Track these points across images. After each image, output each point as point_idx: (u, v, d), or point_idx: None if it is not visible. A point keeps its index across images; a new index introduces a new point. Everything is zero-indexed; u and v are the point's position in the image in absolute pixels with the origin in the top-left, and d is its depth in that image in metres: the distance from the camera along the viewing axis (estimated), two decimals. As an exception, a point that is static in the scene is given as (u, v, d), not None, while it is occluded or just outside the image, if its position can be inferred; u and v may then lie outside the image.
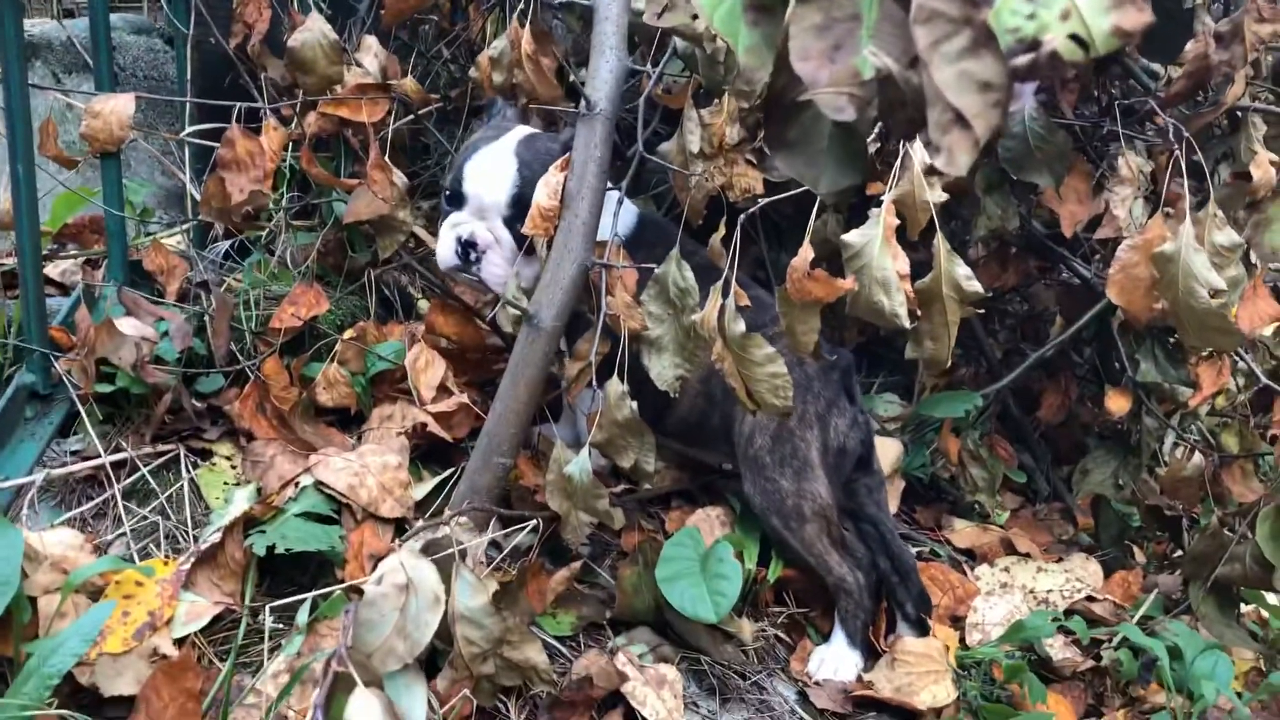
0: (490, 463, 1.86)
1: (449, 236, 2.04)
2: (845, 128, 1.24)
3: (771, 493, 2.05)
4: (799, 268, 1.63)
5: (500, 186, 2.01)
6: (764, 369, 1.64)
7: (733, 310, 1.62)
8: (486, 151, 2.04)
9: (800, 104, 1.26)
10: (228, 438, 2.07)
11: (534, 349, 1.85)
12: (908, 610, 2.13)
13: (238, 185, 1.97)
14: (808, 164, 1.29)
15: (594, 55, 1.92)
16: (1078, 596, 2.38)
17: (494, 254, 2.02)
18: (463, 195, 2.04)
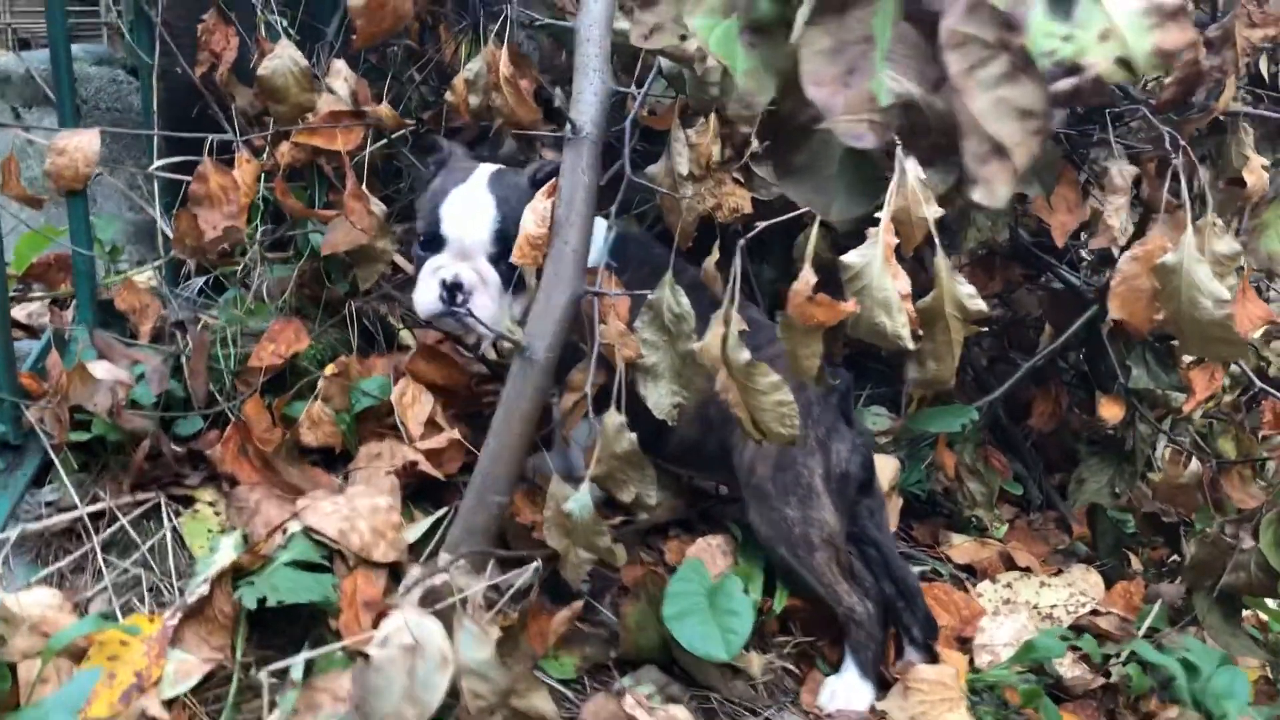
0: (485, 501, 1.79)
1: (431, 282, 1.98)
2: (858, 153, 1.19)
3: (778, 522, 2.00)
4: (801, 292, 1.58)
5: (480, 225, 1.96)
6: (770, 398, 1.59)
7: (736, 338, 1.57)
8: (459, 192, 1.99)
9: (808, 129, 1.22)
10: (210, 483, 2.00)
11: (527, 382, 1.79)
12: (914, 635, 2.09)
13: (211, 221, 1.90)
14: (816, 190, 1.24)
15: (577, 77, 1.87)
16: (1083, 611, 2.35)
17: (481, 294, 1.96)
18: (441, 238, 1.98)
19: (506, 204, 1.96)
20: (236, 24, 2.24)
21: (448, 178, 2.04)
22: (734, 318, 1.58)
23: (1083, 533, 2.90)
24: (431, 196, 2.02)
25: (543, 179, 1.98)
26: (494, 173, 2.03)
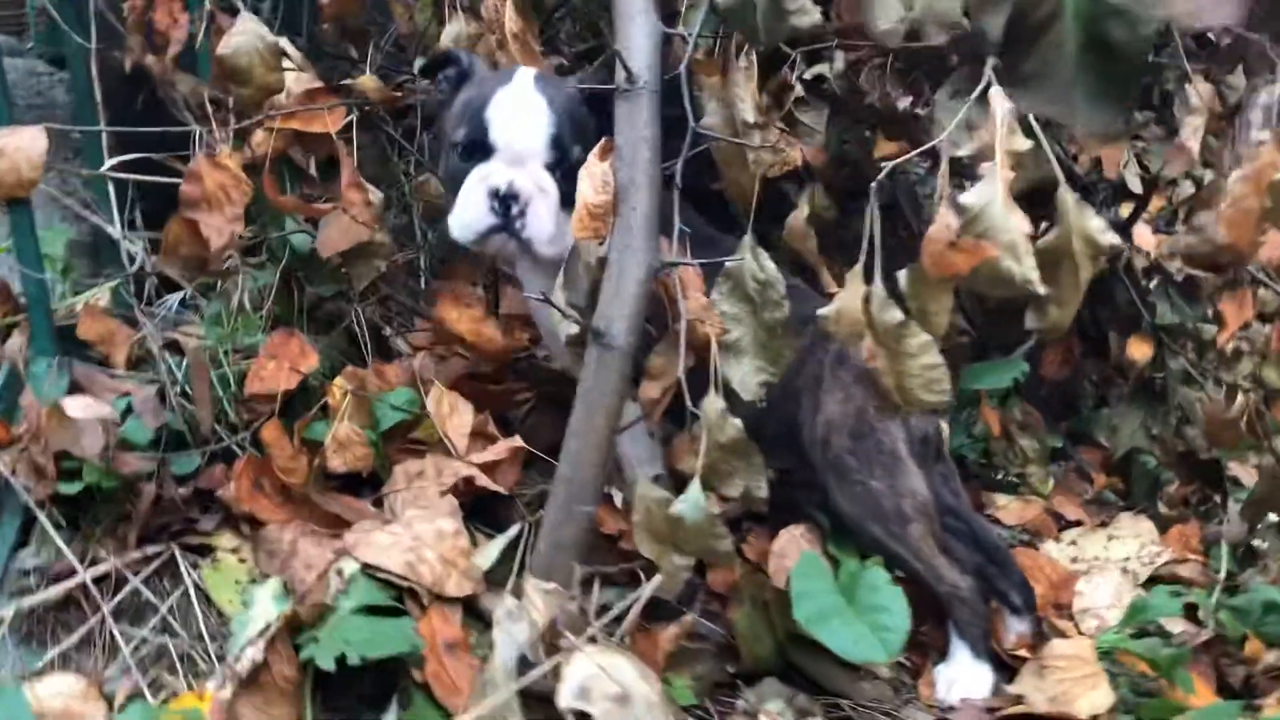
0: (572, 513, 1.56)
1: (478, 191, 1.70)
2: (1100, 54, 1.00)
3: (864, 496, 1.81)
4: (940, 238, 1.39)
5: (535, 128, 1.71)
6: (919, 361, 1.40)
7: (882, 297, 1.37)
8: (506, 93, 1.73)
9: (1041, 31, 1.02)
10: (226, 526, 1.71)
11: (608, 372, 1.56)
12: (1013, 601, 1.92)
13: (214, 226, 1.61)
14: (1053, 99, 1.05)
15: (622, 21, 1.64)
16: (1159, 562, 2.23)
17: (540, 204, 1.70)
18: (487, 145, 1.71)
19: (559, 107, 1.72)
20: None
21: (485, 83, 1.78)
22: (876, 273, 1.38)
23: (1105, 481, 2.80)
24: (469, 102, 1.76)
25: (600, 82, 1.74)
26: (538, 74, 1.78)
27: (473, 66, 1.84)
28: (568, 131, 1.69)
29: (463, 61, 1.85)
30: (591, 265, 1.64)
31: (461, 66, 1.85)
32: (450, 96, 1.84)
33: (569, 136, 1.69)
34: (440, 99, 1.87)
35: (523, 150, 1.70)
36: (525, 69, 1.78)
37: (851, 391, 1.83)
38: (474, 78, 1.82)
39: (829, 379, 1.84)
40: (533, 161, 1.70)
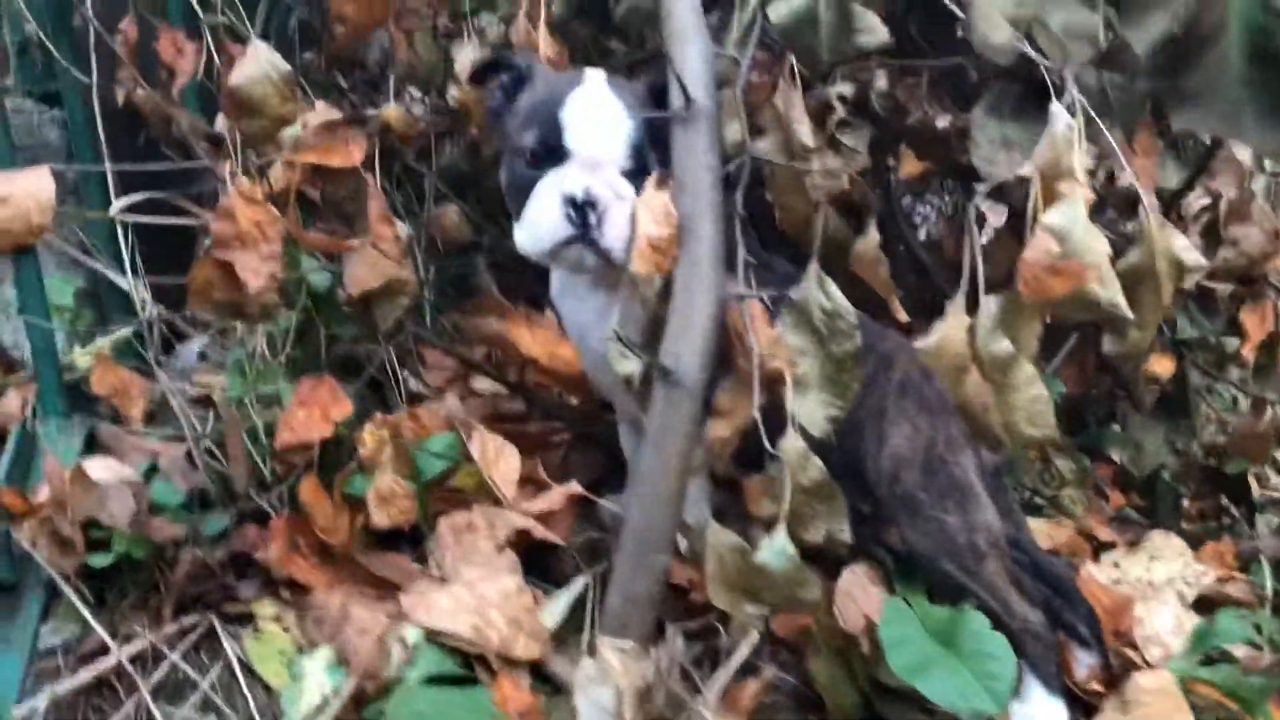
0: (645, 563, 1.47)
1: (552, 198, 1.59)
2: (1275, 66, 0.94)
3: (937, 533, 1.73)
4: (1039, 262, 1.33)
5: (613, 132, 1.60)
6: (1024, 394, 1.33)
7: (989, 328, 1.30)
8: (581, 95, 1.61)
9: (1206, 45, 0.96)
10: (266, 592, 1.59)
11: (678, 412, 1.48)
12: (1080, 632, 1.85)
13: (250, 267, 1.50)
14: (1219, 116, 0.98)
15: (675, 43, 1.56)
16: (1205, 582, 2.18)
17: (619, 211, 1.58)
18: (563, 149, 1.59)
19: (635, 111, 1.62)
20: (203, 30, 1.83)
21: (552, 84, 1.67)
22: (987, 303, 1.31)
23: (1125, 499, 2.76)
24: (536, 105, 1.65)
25: (662, 90, 1.65)
26: (609, 76, 1.67)
27: (531, 70, 1.73)
28: (645, 136, 1.60)
29: (519, 65, 1.74)
30: (651, 299, 1.56)
31: (519, 70, 1.73)
32: (505, 104, 1.73)
33: (645, 142, 1.60)
34: (494, 106, 1.77)
35: (600, 155, 1.59)
36: (594, 71, 1.68)
37: (918, 424, 1.76)
38: (535, 80, 1.71)
39: (893, 411, 1.77)
40: (609, 167, 1.59)
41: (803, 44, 1.56)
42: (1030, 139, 1.86)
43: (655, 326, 1.54)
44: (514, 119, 1.68)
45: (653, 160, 1.60)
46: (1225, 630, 1.85)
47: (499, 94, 1.73)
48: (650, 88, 1.66)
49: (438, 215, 2.18)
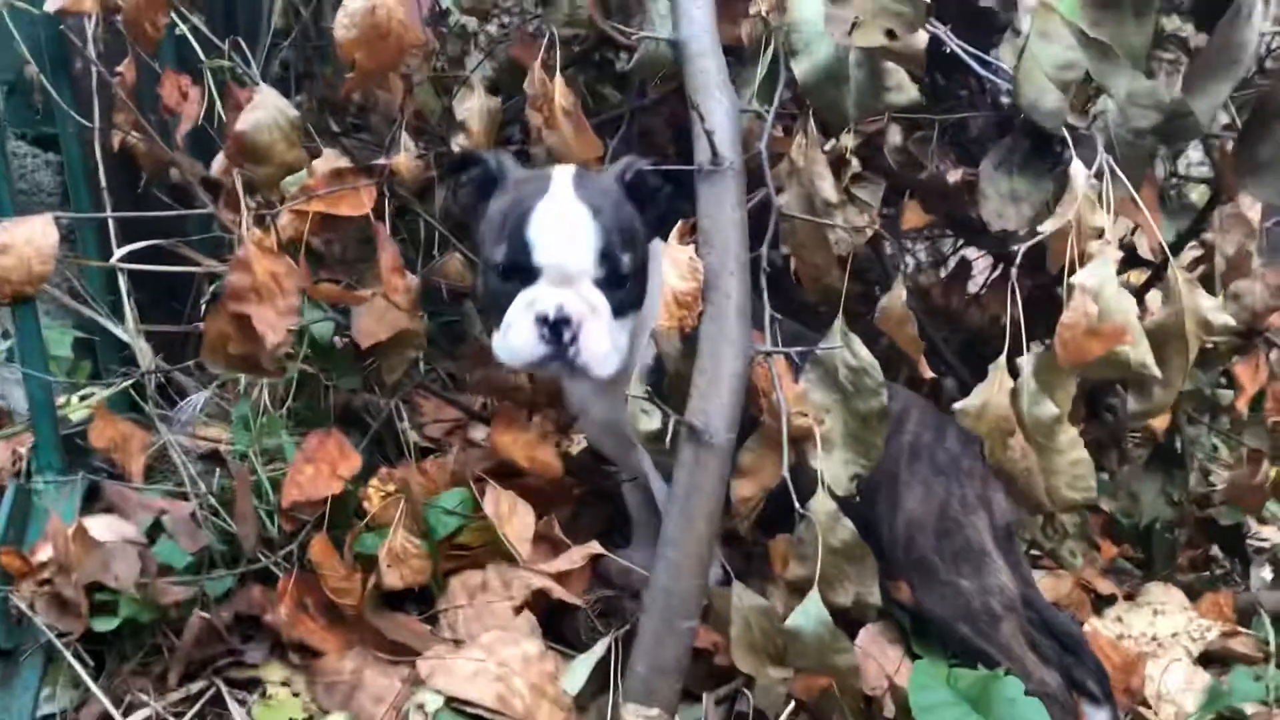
0: (674, 629, 1.43)
1: (525, 317, 1.57)
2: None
3: (952, 597, 1.71)
4: (1078, 324, 1.32)
5: (582, 244, 1.57)
6: (1066, 458, 1.32)
7: (1033, 390, 1.29)
8: (545, 208, 1.58)
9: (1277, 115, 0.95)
10: (274, 656, 1.53)
11: (706, 472, 1.45)
12: (1091, 690, 1.83)
13: (267, 320, 1.45)
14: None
15: (701, 98, 1.54)
16: (1210, 637, 2.17)
17: (593, 325, 1.56)
18: (533, 268, 1.57)
19: (605, 214, 1.59)
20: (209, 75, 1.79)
21: (520, 191, 1.63)
22: (1027, 365, 1.30)
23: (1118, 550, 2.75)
24: (505, 215, 1.61)
25: (635, 180, 1.65)
26: (576, 176, 1.64)
27: (502, 169, 1.70)
28: (616, 240, 1.57)
29: (490, 164, 1.71)
30: (674, 356, 1.53)
31: (489, 169, 1.70)
32: (476, 201, 1.70)
33: (618, 245, 1.57)
34: (465, 203, 1.74)
35: (571, 270, 1.56)
36: (562, 170, 1.65)
37: (932, 486, 1.75)
38: (505, 181, 1.68)
39: (906, 474, 1.75)
40: (582, 280, 1.57)
41: (826, 99, 1.55)
42: (1039, 193, 1.87)
43: (680, 384, 1.51)
44: (485, 227, 1.65)
45: (626, 262, 1.58)
46: (1241, 690, 1.84)
47: (471, 190, 1.72)
48: (620, 180, 1.64)
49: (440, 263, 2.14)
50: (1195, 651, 2.14)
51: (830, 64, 1.53)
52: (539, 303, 1.56)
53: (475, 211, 1.72)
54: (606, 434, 1.84)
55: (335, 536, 1.61)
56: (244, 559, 1.59)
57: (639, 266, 1.63)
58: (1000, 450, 1.34)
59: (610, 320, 1.58)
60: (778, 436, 1.46)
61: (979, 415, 1.33)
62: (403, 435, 1.82)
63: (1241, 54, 0.97)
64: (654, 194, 1.67)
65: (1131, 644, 2.16)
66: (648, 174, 1.66)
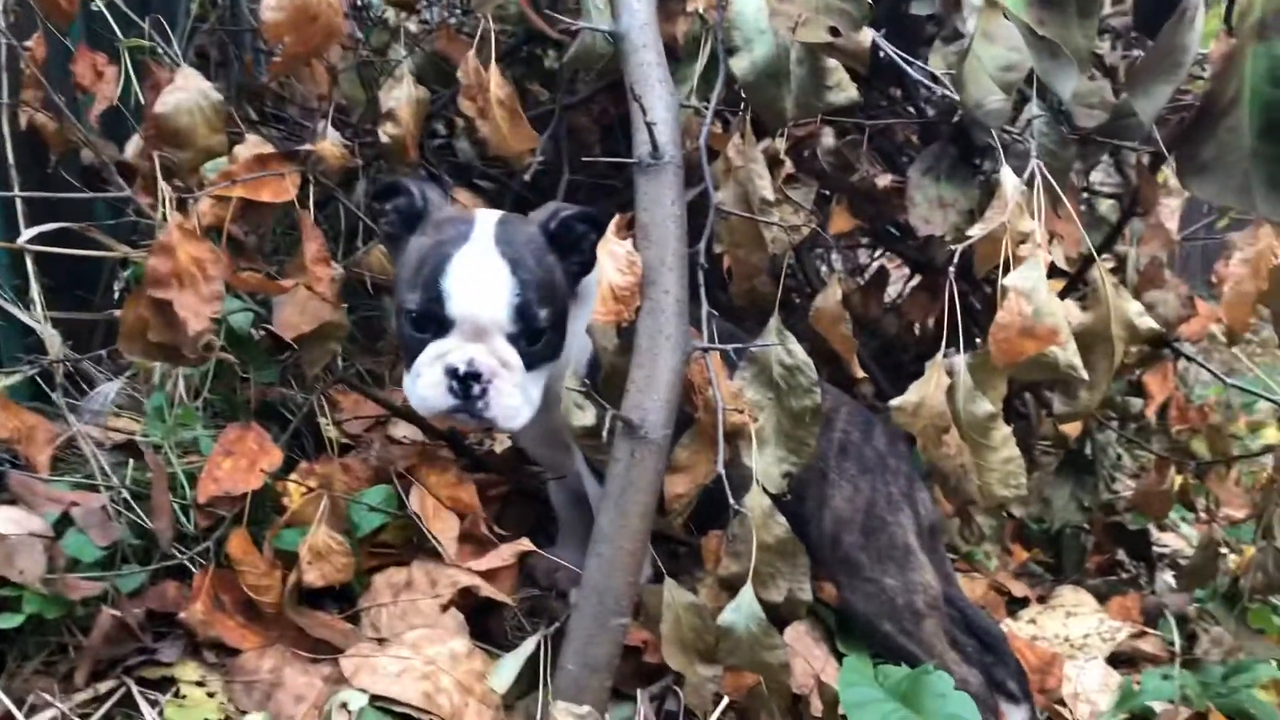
0: (605, 626, 1.41)
1: (435, 370, 1.53)
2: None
3: (876, 595, 1.73)
4: (1012, 325, 1.34)
5: (497, 299, 1.53)
6: (999, 455, 1.33)
7: (969, 388, 1.30)
8: (463, 257, 1.54)
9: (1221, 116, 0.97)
10: (189, 655, 1.47)
11: (642, 468, 1.43)
12: (1009, 688, 1.86)
13: (191, 308, 1.39)
14: (1230, 187, 0.99)
15: (641, 90, 1.53)
16: (1120, 638, 2.23)
17: (503, 382, 1.53)
18: (445, 319, 1.53)
19: (523, 267, 1.55)
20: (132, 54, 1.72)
21: (440, 234, 1.59)
22: (961, 364, 1.31)
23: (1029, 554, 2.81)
24: (422, 262, 1.56)
25: (559, 230, 1.62)
26: (499, 224, 1.60)
27: (427, 203, 1.65)
28: (533, 295, 1.54)
29: (415, 195, 1.66)
30: (611, 351, 1.51)
31: (414, 202, 1.66)
32: (401, 232, 1.66)
33: (536, 301, 1.54)
34: (389, 232, 1.70)
35: (485, 324, 1.53)
36: (484, 217, 1.61)
37: (859, 485, 1.76)
38: (428, 219, 1.64)
39: (834, 472, 1.76)
40: (495, 334, 1.53)
41: (766, 97, 1.55)
42: (965, 199, 1.90)
43: (617, 379, 1.49)
44: (403, 267, 1.62)
45: (544, 317, 1.55)
46: (1152, 690, 1.88)
47: (395, 219, 1.67)
48: (544, 229, 1.62)
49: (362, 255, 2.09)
50: (1106, 652, 2.18)
51: (770, 62, 1.53)
52: (450, 356, 1.53)
53: (396, 243, 1.68)
54: (542, 443, 1.82)
55: (254, 532, 1.55)
56: (158, 554, 1.52)
57: (557, 319, 1.60)
58: (934, 447, 1.35)
59: (522, 374, 1.56)
60: (713, 433, 1.46)
61: (914, 412, 1.34)
62: (323, 430, 1.76)
63: (1184, 56, 0.99)
64: (578, 242, 1.64)
65: (1045, 645, 2.20)
66: (573, 222, 1.63)
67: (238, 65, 2.48)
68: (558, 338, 1.62)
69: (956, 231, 1.86)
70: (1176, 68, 0.99)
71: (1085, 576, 2.74)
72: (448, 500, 1.70)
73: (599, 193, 2.37)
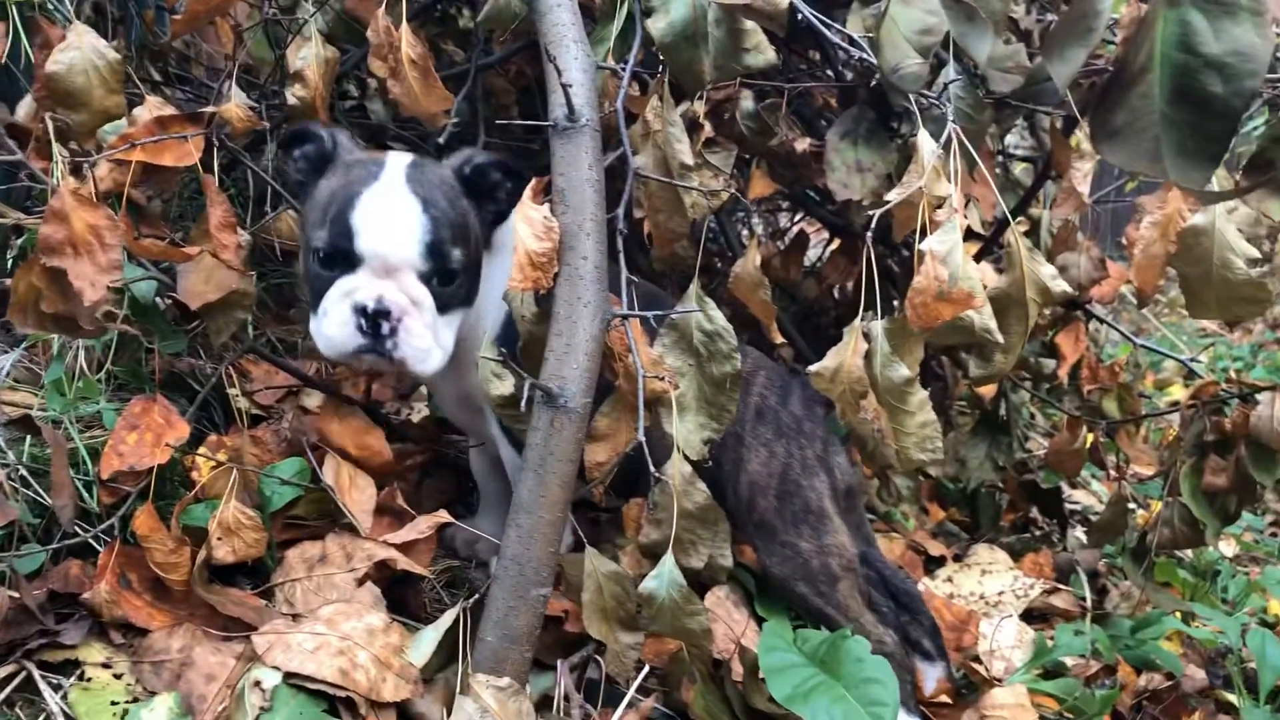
0: (525, 598, 1.40)
1: (342, 309, 1.49)
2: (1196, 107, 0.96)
3: (791, 558, 1.74)
4: (928, 289, 1.34)
5: (407, 235, 1.49)
6: (916, 419, 1.34)
7: (886, 353, 1.30)
8: (373, 194, 1.50)
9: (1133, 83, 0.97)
10: (93, 636, 1.43)
11: (562, 437, 1.41)
12: (925, 647, 1.89)
13: (87, 277, 1.33)
14: (1141, 153, 1.00)
15: (556, 52, 1.49)
16: (1033, 594, 2.27)
17: (412, 321, 1.50)
18: (354, 255, 1.49)
19: (434, 206, 1.52)
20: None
21: (349, 174, 1.54)
22: (878, 329, 1.31)
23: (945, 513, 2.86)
24: (332, 200, 1.52)
25: (473, 175, 1.60)
26: (410, 166, 1.57)
27: (336, 147, 1.61)
28: (446, 234, 1.51)
29: (324, 140, 1.62)
30: (529, 319, 1.49)
31: (323, 146, 1.61)
32: (310, 178, 1.61)
33: (447, 239, 1.51)
34: (299, 179, 1.65)
35: (394, 261, 1.49)
36: (396, 158, 1.58)
37: (774, 449, 1.76)
38: (337, 161, 1.59)
39: (750, 437, 1.76)
40: (405, 272, 1.50)
41: (683, 60, 1.53)
42: (883, 164, 1.91)
43: (535, 347, 1.47)
44: (312, 207, 1.57)
45: (456, 257, 1.52)
46: (1064, 645, 1.93)
47: (304, 165, 1.63)
48: (458, 173, 1.59)
49: (271, 220, 2.03)
50: (1020, 609, 2.23)
51: (687, 23, 1.51)
52: (358, 293, 1.49)
53: (305, 189, 1.63)
54: (460, 408, 1.78)
55: (161, 508, 1.50)
56: (59, 533, 1.47)
57: (471, 263, 1.57)
58: (852, 412, 1.36)
59: (434, 316, 1.52)
60: (633, 400, 1.44)
61: (832, 378, 1.34)
62: (233, 401, 1.71)
63: (1096, 21, 0.99)
64: (493, 190, 1.62)
65: (962, 603, 2.24)
66: (488, 169, 1.60)
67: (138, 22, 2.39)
68: (470, 283, 1.59)
69: (874, 196, 1.86)
70: (1089, 32, 0.99)
71: (1000, 534, 2.79)
72: (356, 449, 1.66)
73: (517, 156, 2.33)
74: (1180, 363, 2.48)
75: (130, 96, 1.72)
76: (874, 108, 1.90)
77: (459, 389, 1.72)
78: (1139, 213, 1.79)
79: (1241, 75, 0.91)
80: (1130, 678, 2.06)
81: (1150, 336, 5.22)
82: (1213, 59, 0.92)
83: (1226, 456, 2.16)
